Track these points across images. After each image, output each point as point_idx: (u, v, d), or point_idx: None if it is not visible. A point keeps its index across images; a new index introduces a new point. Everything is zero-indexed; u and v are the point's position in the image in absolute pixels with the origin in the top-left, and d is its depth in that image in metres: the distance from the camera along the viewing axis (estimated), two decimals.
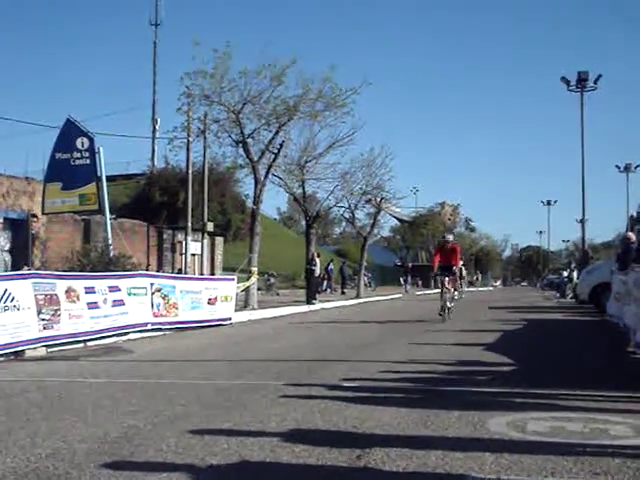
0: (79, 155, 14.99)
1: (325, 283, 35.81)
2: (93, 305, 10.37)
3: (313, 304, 21.90)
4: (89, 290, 10.38)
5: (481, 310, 20.34)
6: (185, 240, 26.70)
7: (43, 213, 17.39)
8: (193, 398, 5.78)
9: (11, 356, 8.58)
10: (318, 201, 29.55)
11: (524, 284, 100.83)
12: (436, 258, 15.35)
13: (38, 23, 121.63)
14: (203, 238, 27.95)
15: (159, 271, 22.67)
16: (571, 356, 9.21)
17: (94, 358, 8.94)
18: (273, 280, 31.88)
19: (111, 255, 13.83)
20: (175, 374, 7.42)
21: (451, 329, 12.68)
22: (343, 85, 19.25)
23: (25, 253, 20.81)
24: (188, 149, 23.06)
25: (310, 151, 23.60)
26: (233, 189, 36.88)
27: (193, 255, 28.06)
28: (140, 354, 9.36)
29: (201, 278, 18.23)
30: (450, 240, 15.70)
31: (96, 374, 7.43)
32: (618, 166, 59.74)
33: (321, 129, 22.17)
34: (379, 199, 31.37)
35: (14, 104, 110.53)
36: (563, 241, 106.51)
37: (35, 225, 21.83)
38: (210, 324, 13.35)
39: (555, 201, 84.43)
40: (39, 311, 9.13)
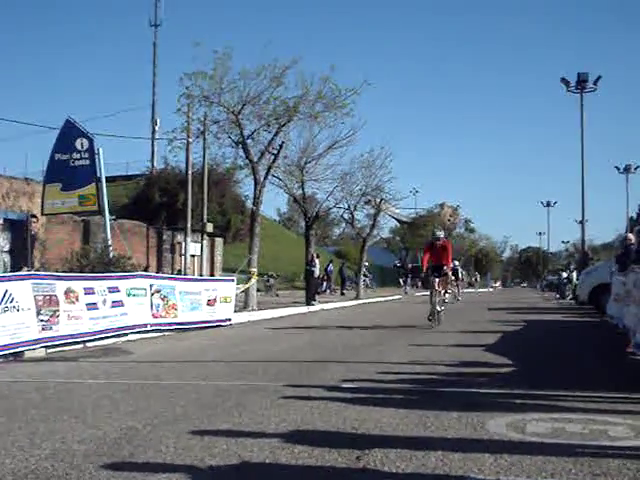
0: (79, 156, 14.97)
1: (325, 284, 35.81)
2: (92, 306, 10.36)
3: (313, 305, 21.90)
4: (88, 291, 10.38)
5: (480, 311, 20.34)
6: (185, 241, 26.73)
7: (43, 214, 17.36)
8: (192, 399, 5.78)
9: (10, 357, 8.57)
10: (318, 202, 29.53)
11: (524, 285, 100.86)
12: (425, 257, 13.91)
13: (38, 23, 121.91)
14: (203, 239, 27.97)
15: (158, 272, 22.67)
16: (571, 357, 9.21)
17: (93, 359, 8.93)
18: (272, 281, 31.87)
19: (110, 256, 13.79)
20: (174, 375, 7.41)
21: (450, 330, 12.67)
22: (343, 86, 19.27)
23: (24, 254, 20.73)
24: (188, 150, 23.09)
25: (310, 152, 23.59)
26: (233, 190, 36.90)
27: (193, 256, 28.08)
28: (139, 355, 9.35)
29: (200, 279, 18.21)
30: (441, 237, 13.98)
31: (95, 375, 7.42)
32: (618, 167, 59.79)
33: (321, 130, 22.15)
34: (379, 200, 31.34)
35: (14, 105, 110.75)
36: (563, 242, 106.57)
37: (35, 226, 21.74)
38: (209, 325, 13.35)
39: (555, 202, 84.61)
40: (38, 312, 9.12)
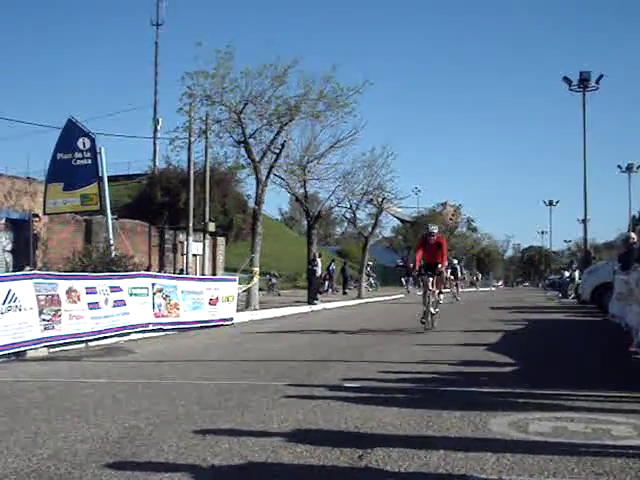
0: (80, 155, 14.99)
1: (327, 283, 35.81)
2: (94, 305, 10.38)
3: (315, 304, 21.90)
4: (90, 290, 10.39)
5: (482, 310, 20.32)
6: (187, 240, 26.75)
7: (45, 213, 17.40)
8: (195, 398, 5.78)
9: (12, 357, 8.58)
10: (320, 201, 29.49)
11: (526, 284, 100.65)
12: (418, 254, 12.99)
13: (39, 23, 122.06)
14: (205, 238, 27.95)
15: (160, 271, 22.67)
16: (573, 356, 9.20)
17: (95, 358, 8.94)
18: (275, 280, 31.88)
19: (112, 255, 13.81)
20: (176, 374, 7.41)
21: (452, 329, 12.65)
22: (345, 85, 19.27)
23: (27, 253, 20.83)
24: (190, 149, 23.10)
25: (312, 151, 23.57)
26: (235, 189, 36.95)
27: (195, 255, 28.10)
28: (141, 354, 9.36)
29: (202, 278, 18.22)
30: (435, 233, 13.01)
31: (97, 374, 7.43)
32: (620, 166, 59.81)
33: (323, 129, 22.16)
34: (381, 199, 31.32)
35: (16, 104, 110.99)
36: (565, 241, 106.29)
37: (37, 225, 21.87)
38: (211, 324, 13.35)
39: (557, 201, 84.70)
40: (41, 311, 9.13)
